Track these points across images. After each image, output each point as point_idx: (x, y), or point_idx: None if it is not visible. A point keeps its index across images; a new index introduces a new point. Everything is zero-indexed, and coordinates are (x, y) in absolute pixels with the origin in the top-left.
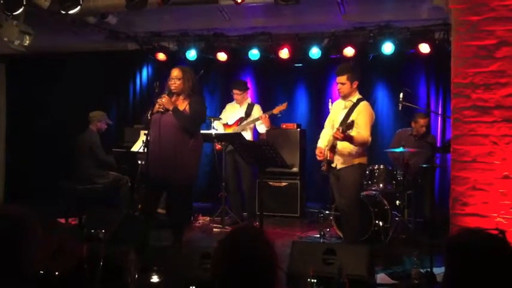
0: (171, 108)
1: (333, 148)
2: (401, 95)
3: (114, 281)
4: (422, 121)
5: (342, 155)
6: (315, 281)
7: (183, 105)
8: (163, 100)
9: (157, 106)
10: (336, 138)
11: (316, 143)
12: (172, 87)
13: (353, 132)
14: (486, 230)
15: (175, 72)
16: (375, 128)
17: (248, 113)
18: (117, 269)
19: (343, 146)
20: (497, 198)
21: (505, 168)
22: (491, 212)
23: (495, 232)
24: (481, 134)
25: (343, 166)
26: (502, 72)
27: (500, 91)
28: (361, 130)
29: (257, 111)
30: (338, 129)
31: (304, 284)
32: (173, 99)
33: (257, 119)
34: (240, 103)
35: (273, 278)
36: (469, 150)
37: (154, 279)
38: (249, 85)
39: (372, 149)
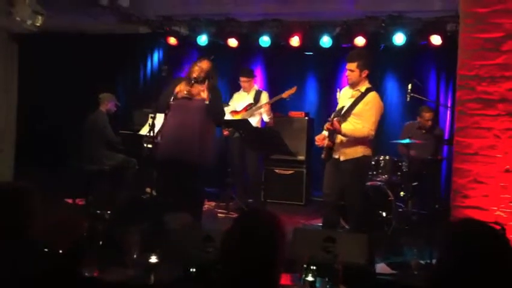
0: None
1: (331, 137)
2: (409, 86)
3: (113, 259)
4: (427, 115)
5: (343, 145)
6: (314, 268)
7: (204, 94)
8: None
9: (185, 92)
10: (327, 129)
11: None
12: (195, 75)
13: (346, 125)
14: (489, 223)
15: (205, 65)
16: (383, 119)
17: (257, 99)
18: (117, 249)
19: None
20: (497, 191)
21: (506, 161)
22: (491, 205)
23: (497, 227)
24: (484, 127)
25: (346, 158)
26: (508, 65)
27: (505, 84)
28: (365, 123)
29: (265, 97)
30: (331, 120)
31: (302, 270)
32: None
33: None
34: (248, 90)
35: (277, 261)
36: (471, 143)
37: (153, 259)
38: (257, 72)
39: (379, 140)
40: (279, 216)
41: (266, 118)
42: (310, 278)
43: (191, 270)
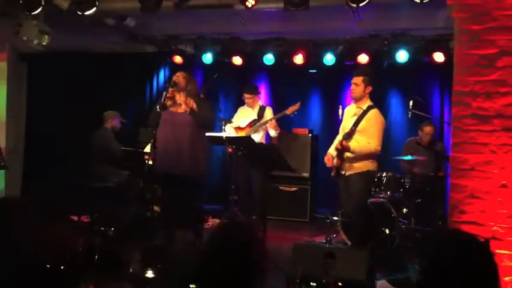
0: (186, 107)
1: (340, 155)
2: (411, 102)
3: (110, 274)
4: (427, 129)
5: (349, 161)
6: (315, 284)
7: (189, 102)
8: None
9: (170, 91)
10: (337, 149)
11: (328, 149)
12: (174, 79)
13: (352, 142)
14: (475, 235)
15: (180, 73)
16: (386, 136)
17: (260, 115)
18: (114, 264)
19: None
20: (494, 206)
21: (503, 177)
22: (488, 220)
23: (481, 239)
24: (481, 143)
25: (352, 173)
26: (503, 81)
27: (500, 100)
28: (371, 140)
29: (269, 113)
30: (340, 141)
31: (300, 286)
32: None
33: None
34: (252, 106)
35: (255, 272)
36: (468, 158)
37: (149, 274)
38: (262, 89)
39: (383, 157)
40: (256, 228)
41: (273, 133)
42: None
43: (191, 286)
